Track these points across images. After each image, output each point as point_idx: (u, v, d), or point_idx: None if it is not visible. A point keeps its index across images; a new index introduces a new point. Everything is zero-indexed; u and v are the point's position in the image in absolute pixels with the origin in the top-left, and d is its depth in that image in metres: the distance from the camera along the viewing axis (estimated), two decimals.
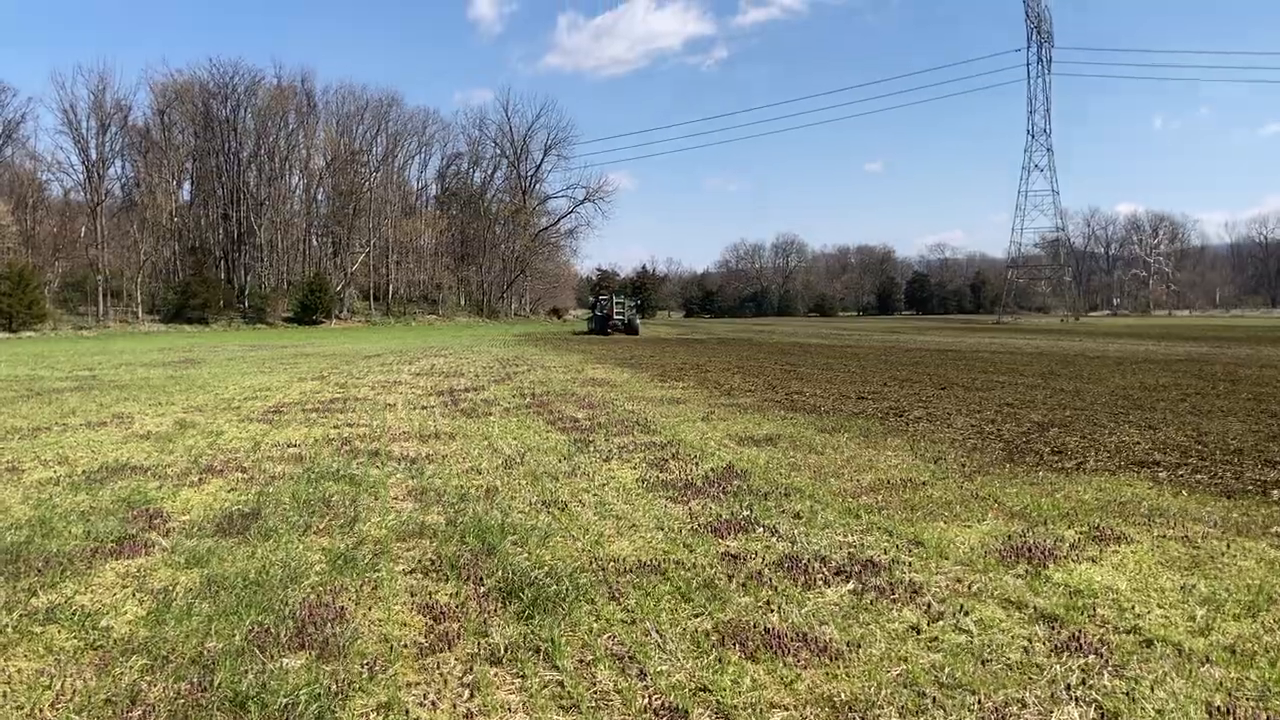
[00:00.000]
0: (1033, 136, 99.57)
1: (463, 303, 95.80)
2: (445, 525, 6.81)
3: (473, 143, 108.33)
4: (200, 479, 8.69)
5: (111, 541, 6.43)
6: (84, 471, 9.14)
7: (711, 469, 8.90)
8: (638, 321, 56.25)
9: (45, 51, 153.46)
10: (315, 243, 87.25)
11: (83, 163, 69.36)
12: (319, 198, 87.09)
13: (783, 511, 7.04)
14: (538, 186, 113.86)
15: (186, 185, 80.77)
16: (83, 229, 71.00)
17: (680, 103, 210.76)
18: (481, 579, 5.45)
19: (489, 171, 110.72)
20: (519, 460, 9.57)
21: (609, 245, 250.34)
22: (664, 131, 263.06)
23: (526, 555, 5.96)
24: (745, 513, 7.01)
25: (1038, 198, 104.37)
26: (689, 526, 6.67)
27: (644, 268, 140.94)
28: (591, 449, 10.27)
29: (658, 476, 8.59)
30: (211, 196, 79.40)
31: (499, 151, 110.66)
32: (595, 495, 7.81)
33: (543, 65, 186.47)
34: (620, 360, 26.81)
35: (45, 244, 67.08)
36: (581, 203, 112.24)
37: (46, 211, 71.06)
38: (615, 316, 54.02)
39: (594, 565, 5.70)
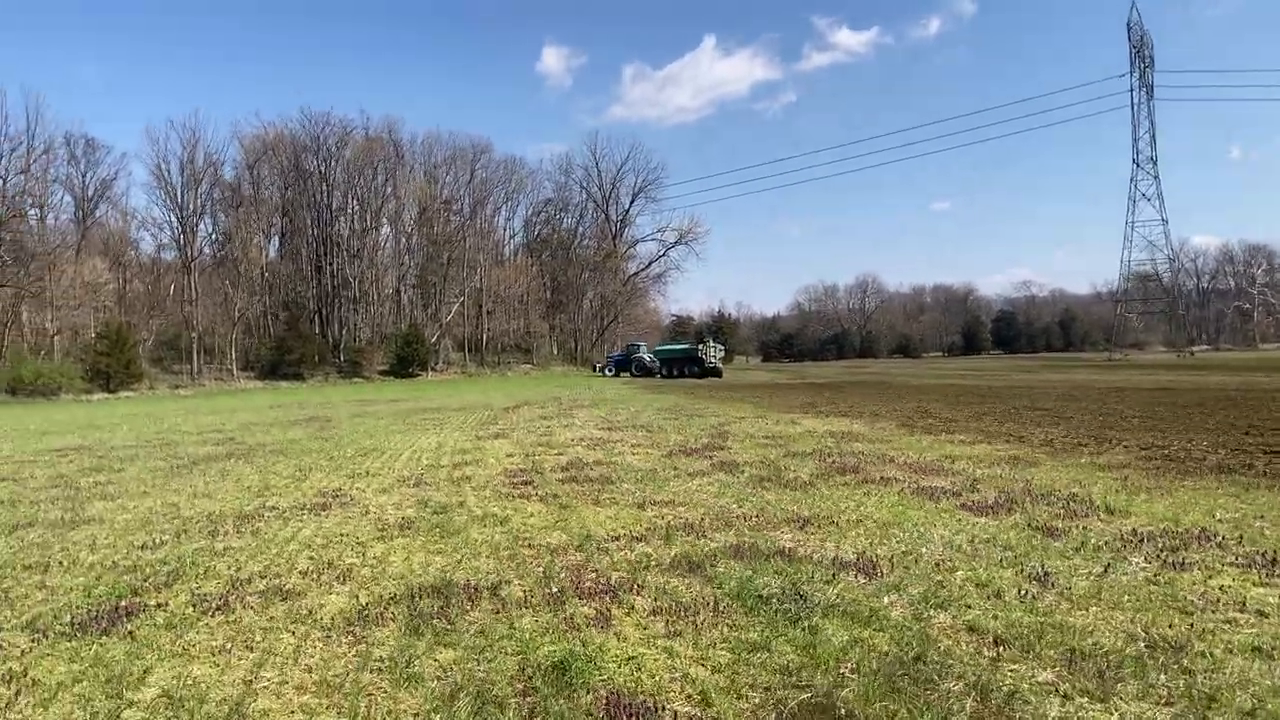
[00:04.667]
0: (1138, 165, 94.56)
1: (555, 351, 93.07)
2: None
3: (560, 188, 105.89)
4: (600, 614, 5.40)
5: None
6: (396, 596, 5.91)
7: None
8: (721, 366, 57.41)
9: (138, 107, 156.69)
10: (407, 294, 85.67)
11: (177, 219, 68.64)
12: (410, 248, 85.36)
13: None
14: (626, 231, 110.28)
15: (275, 239, 79.92)
16: (172, 285, 70.14)
17: (747, 148, 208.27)
18: None
19: (577, 217, 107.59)
20: (1037, 570, 6.13)
21: (674, 290, 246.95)
22: (730, 176, 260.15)
23: None
24: None
25: (1144, 228, 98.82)
26: None
27: (719, 312, 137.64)
28: (1102, 546, 6.79)
29: None
30: (302, 250, 78.24)
31: (586, 196, 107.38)
32: None
33: (608, 116, 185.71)
34: (802, 407, 23.33)
35: (139, 302, 66.18)
36: (674, 245, 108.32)
37: (139, 269, 70.44)
38: (710, 360, 55.38)
39: None
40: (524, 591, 6.03)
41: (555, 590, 6.03)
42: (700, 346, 59.05)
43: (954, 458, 12.23)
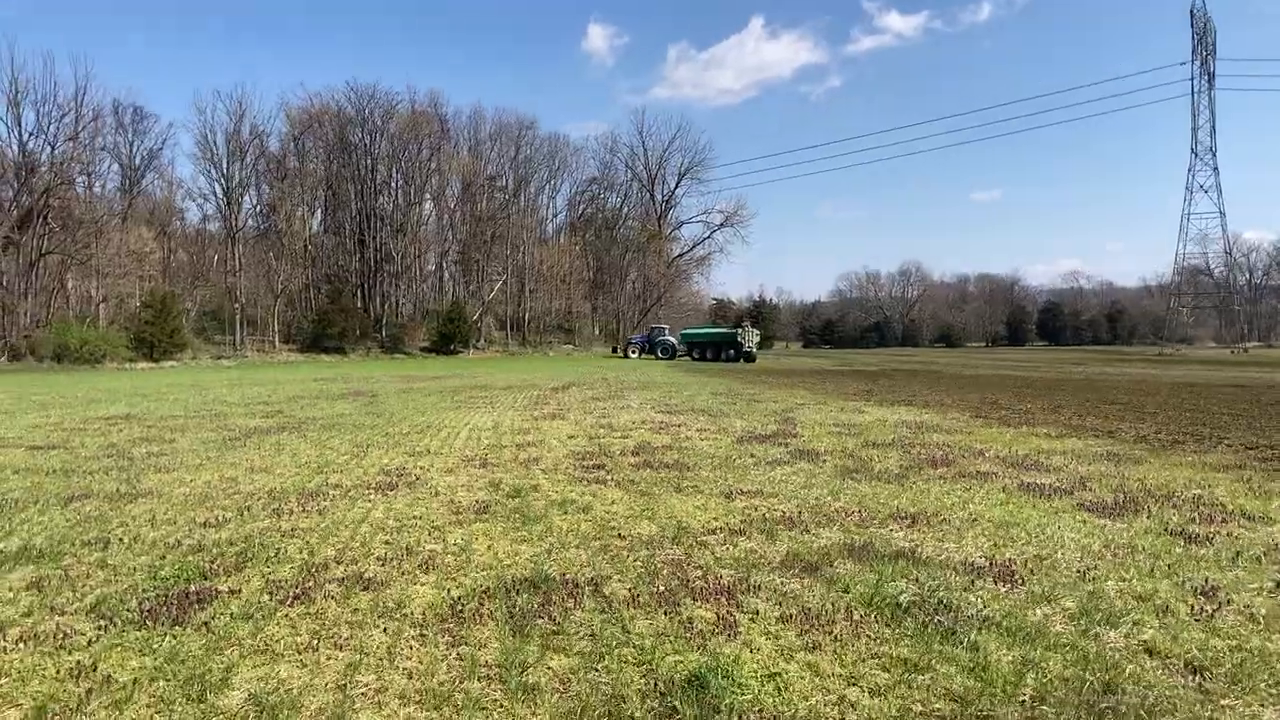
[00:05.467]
0: (1196, 155, 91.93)
1: (597, 332, 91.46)
2: None
3: (604, 167, 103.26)
4: (722, 619, 4.83)
5: None
6: (488, 589, 5.40)
7: None
8: (755, 351, 58.49)
9: (185, 77, 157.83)
10: (449, 271, 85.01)
11: (222, 190, 68.88)
12: (453, 225, 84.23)
13: None
14: (671, 212, 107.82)
15: (319, 212, 79.72)
16: (216, 256, 70.52)
17: (790, 132, 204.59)
18: None
19: (622, 196, 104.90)
20: (1199, 583, 5.49)
21: (715, 273, 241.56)
22: (772, 160, 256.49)
23: None
24: None
25: (1200, 220, 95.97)
26: None
27: (760, 297, 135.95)
28: (1261, 557, 6.13)
29: None
30: (345, 223, 77.58)
31: (631, 175, 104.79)
32: None
33: (650, 96, 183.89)
34: (859, 395, 22.60)
35: (183, 272, 66.63)
36: (720, 227, 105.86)
37: (184, 239, 70.89)
38: (747, 345, 56.32)
39: None
40: (629, 590, 5.47)
41: (663, 589, 5.47)
42: (739, 330, 58.93)
43: (1047, 452, 11.50)
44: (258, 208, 74.82)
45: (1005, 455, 11.21)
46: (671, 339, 64.61)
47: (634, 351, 65.29)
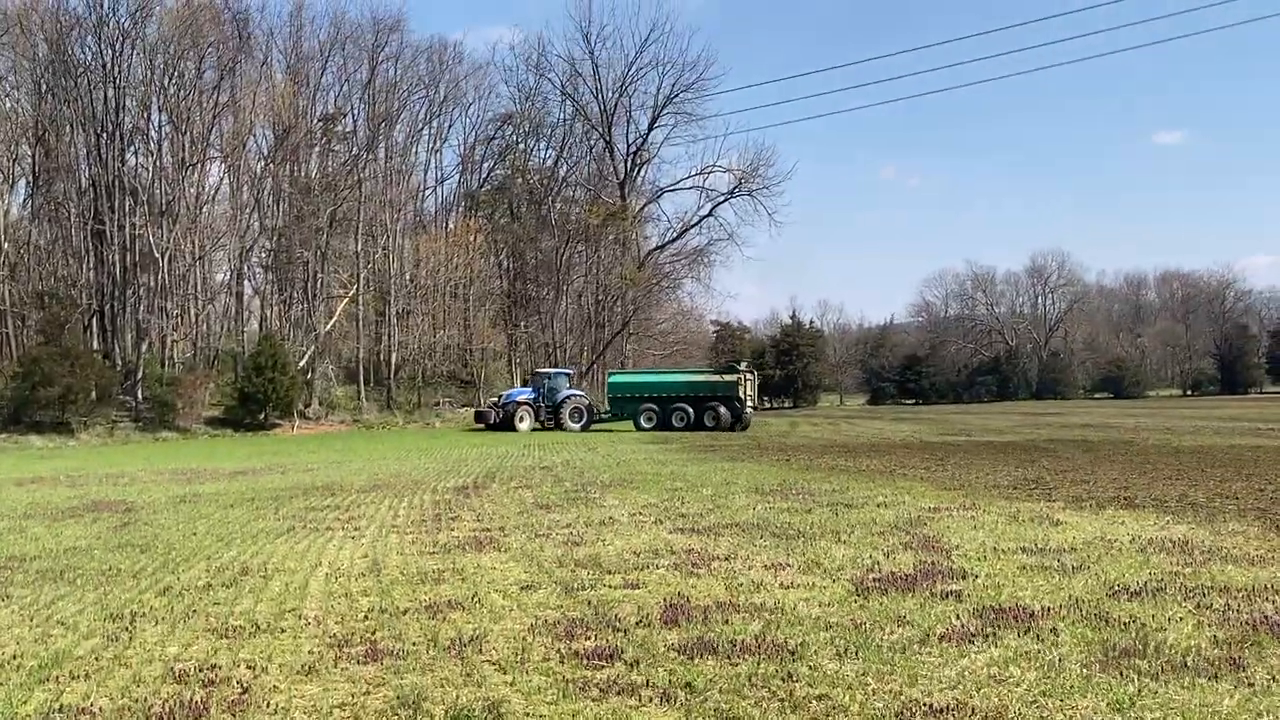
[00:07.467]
0: None
1: (517, 382, 54.58)
2: None
3: (525, 96, 64.18)
4: None
5: None
6: None
7: None
8: (752, 413, 41.44)
9: None
10: (254, 283, 53.42)
11: None
12: (261, 202, 51.32)
13: None
14: (643, 172, 68.56)
15: (23, 185, 45.66)
16: None
17: (827, 43, 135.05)
18: None
19: (558, 146, 66.10)
20: None
21: (720, 277, 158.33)
22: (800, 84, 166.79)
23: None
24: None
25: None
26: None
27: (793, 317, 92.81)
28: None
29: None
30: (70, 203, 46.04)
31: (573, 109, 65.31)
32: None
33: None
34: (1022, 487, 13.57)
35: None
36: (728, 197, 67.59)
37: None
38: (748, 407, 39.79)
39: None
40: None
41: None
42: (739, 379, 39.69)
43: None
44: None
45: None
46: (581, 394, 44.19)
47: (522, 419, 41.12)
